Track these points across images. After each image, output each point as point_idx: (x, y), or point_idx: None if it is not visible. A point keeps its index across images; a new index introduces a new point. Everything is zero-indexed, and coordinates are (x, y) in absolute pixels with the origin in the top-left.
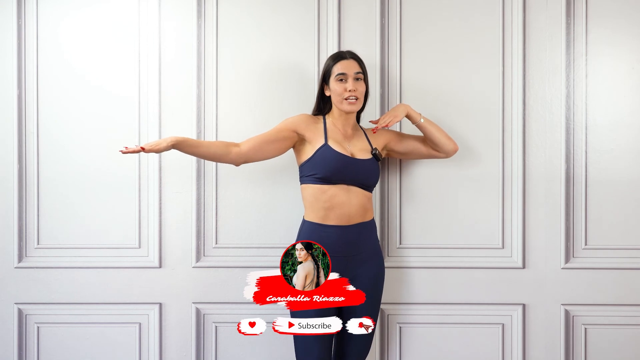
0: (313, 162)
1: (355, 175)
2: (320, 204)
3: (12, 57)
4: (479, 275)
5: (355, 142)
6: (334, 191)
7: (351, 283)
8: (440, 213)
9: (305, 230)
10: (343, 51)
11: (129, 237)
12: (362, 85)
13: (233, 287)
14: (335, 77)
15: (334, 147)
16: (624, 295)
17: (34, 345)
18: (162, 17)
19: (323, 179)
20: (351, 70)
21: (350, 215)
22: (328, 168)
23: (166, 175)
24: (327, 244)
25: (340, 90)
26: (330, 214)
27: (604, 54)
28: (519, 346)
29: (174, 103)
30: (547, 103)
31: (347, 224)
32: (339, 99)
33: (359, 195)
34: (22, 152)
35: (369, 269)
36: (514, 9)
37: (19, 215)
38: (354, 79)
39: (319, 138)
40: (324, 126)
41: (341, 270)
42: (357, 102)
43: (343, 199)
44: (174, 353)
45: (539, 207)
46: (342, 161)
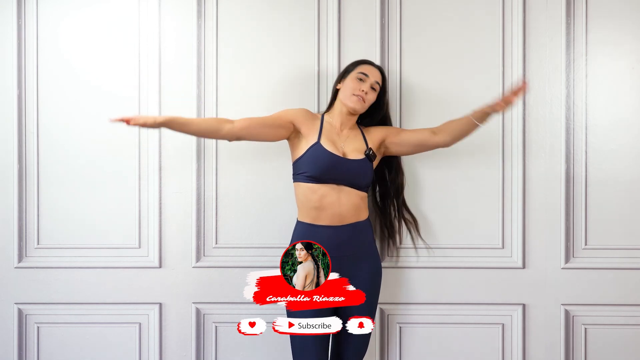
0: (304, 160)
1: (346, 175)
2: (311, 203)
3: (12, 57)
4: (479, 275)
5: (350, 142)
6: (324, 191)
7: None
8: (440, 213)
9: (299, 231)
10: (372, 61)
11: (129, 237)
12: (373, 96)
13: (233, 287)
14: (355, 74)
15: (325, 145)
16: (624, 295)
17: (34, 345)
18: (162, 17)
19: (313, 177)
20: (373, 77)
21: (342, 215)
22: (318, 167)
23: (166, 175)
24: (321, 243)
25: (355, 86)
26: (322, 215)
27: (604, 54)
28: (519, 346)
29: (174, 103)
30: (547, 103)
31: (339, 224)
32: (348, 93)
33: (351, 195)
34: (22, 152)
35: (364, 269)
36: (514, 9)
37: (19, 215)
38: (370, 86)
39: (313, 135)
40: (320, 124)
41: (336, 270)
42: (363, 104)
43: (333, 199)
44: (174, 353)
45: (539, 207)
46: (332, 161)
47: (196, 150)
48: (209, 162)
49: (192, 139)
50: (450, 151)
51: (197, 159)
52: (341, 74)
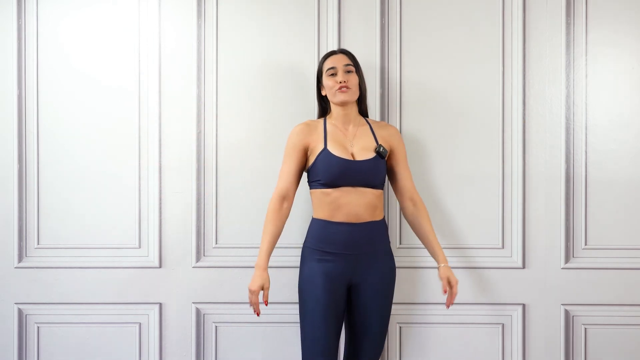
0: (315, 169)
1: (359, 177)
2: (326, 204)
3: (12, 57)
4: (479, 275)
5: (358, 140)
6: (338, 194)
7: (360, 282)
8: (440, 213)
9: (315, 227)
10: (334, 49)
11: (129, 237)
12: (354, 77)
13: (233, 287)
14: (326, 73)
15: (333, 150)
16: (624, 295)
17: (34, 345)
18: (162, 17)
19: (326, 184)
20: (340, 63)
21: (358, 214)
22: (329, 174)
23: (166, 175)
24: (337, 240)
25: (332, 83)
26: (337, 213)
27: (604, 54)
28: (519, 346)
29: (174, 103)
30: (547, 103)
31: (355, 221)
32: (332, 92)
33: (367, 194)
34: (22, 152)
35: (379, 269)
36: (514, 9)
37: (19, 215)
38: (344, 72)
39: (320, 143)
40: (324, 129)
41: (351, 268)
42: (349, 91)
43: (349, 199)
44: (174, 353)
45: (539, 207)
46: (343, 166)
47: (196, 150)
48: (209, 162)
49: (192, 139)
50: (450, 151)
51: (197, 159)
52: (317, 80)
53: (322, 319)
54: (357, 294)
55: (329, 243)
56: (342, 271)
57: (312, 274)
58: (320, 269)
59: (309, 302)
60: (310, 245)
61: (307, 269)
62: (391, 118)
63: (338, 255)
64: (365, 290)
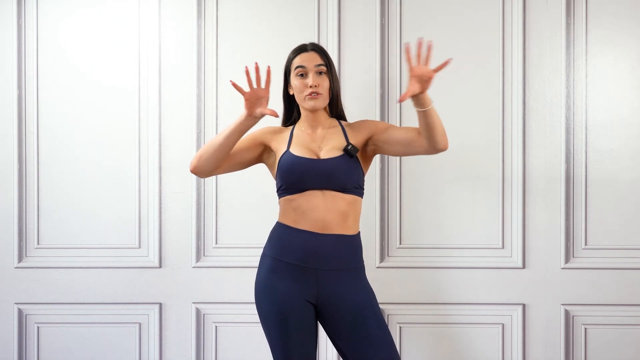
0: (279, 173)
1: (324, 178)
2: (291, 210)
3: (12, 57)
4: (479, 275)
5: (328, 141)
6: (303, 198)
7: (325, 300)
8: (440, 213)
9: (274, 233)
10: (305, 43)
11: (129, 237)
12: (325, 80)
13: (233, 287)
14: (295, 72)
15: (295, 151)
16: (624, 295)
17: (34, 345)
18: (162, 17)
19: (290, 189)
20: (311, 62)
21: (325, 222)
22: (289, 175)
23: (166, 175)
24: (294, 249)
25: (301, 86)
26: (302, 220)
27: (603, 54)
28: (519, 346)
29: (174, 103)
30: (547, 103)
31: (321, 231)
32: (300, 96)
33: (336, 199)
34: (22, 152)
35: (352, 294)
36: (514, 9)
37: (19, 215)
38: (315, 73)
39: (283, 146)
40: (290, 134)
41: (309, 282)
42: (319, 98)
43: (314, 203)
44: (174, 353)
45: (539, 207)
46: (304, 165)
47: (196, 150)
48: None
49: (192, 139)
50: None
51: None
52: (285, 77)
53: (277, 331)
54: (331, 321)
55: (286, 251)
56: (298, 287)
57: (262, 286)
58: (269, 280)
59: (261, 314)
60: (266, 252)
61: (258, 278)
62: (391, 118)
63: (294, 267)
64: (336, 320)
